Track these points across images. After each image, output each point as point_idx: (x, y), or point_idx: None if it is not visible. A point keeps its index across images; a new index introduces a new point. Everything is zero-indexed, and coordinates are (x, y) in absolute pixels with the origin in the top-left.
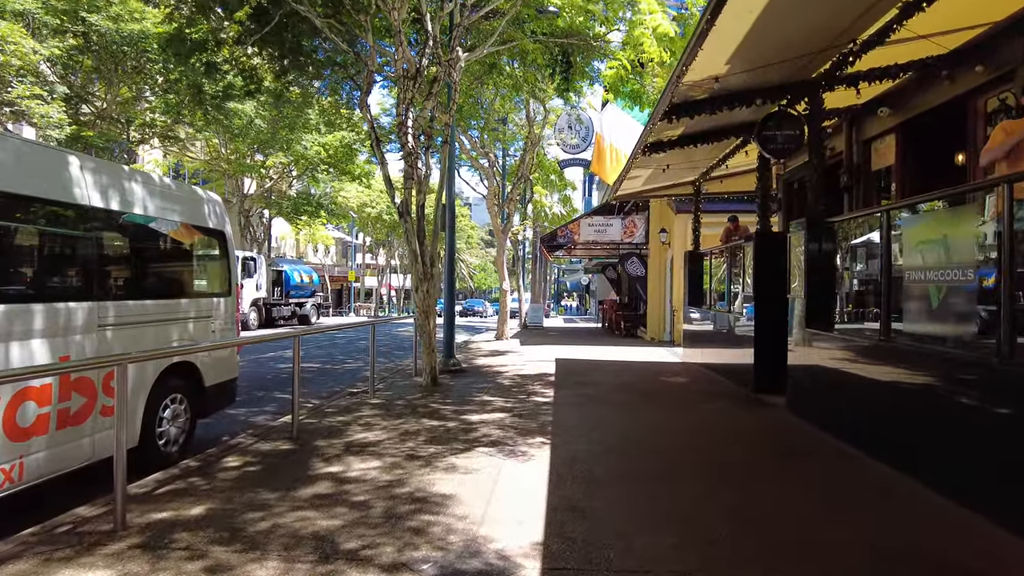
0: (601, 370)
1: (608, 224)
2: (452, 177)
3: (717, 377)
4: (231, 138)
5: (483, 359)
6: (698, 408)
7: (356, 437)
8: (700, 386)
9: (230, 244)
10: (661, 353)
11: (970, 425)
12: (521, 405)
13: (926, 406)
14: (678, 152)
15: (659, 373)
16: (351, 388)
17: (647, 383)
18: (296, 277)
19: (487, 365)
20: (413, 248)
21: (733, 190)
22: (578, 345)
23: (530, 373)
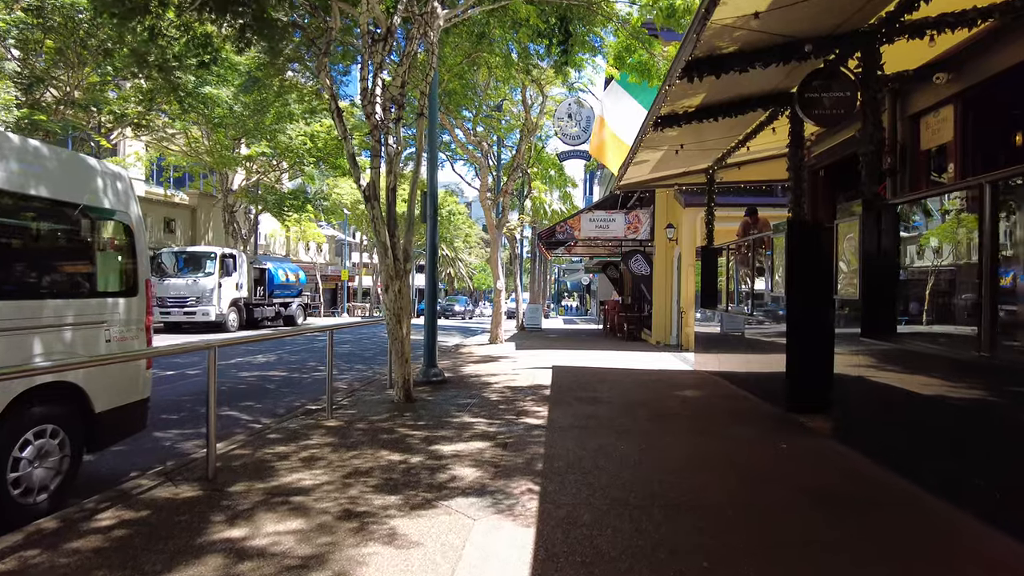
0: (604, 381)
1: (611, 219)
2: (434, 158)
3: (737, 390)
4: (212, 128)
5: (472, 366)
6: (725, 435)
7: (288, 479)
8: (720, 402)
9: (137, 231)
10: (669, 359)
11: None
12: (508, 429)
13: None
14: (693, 129)
15: (670, 385)
16: (312, 404)
17: (657, 399)
18: (281, 275)
19: (475, 374)
20: (382, 240)
21: (750, 179)
22: (578, 350)
23: (523, 385)
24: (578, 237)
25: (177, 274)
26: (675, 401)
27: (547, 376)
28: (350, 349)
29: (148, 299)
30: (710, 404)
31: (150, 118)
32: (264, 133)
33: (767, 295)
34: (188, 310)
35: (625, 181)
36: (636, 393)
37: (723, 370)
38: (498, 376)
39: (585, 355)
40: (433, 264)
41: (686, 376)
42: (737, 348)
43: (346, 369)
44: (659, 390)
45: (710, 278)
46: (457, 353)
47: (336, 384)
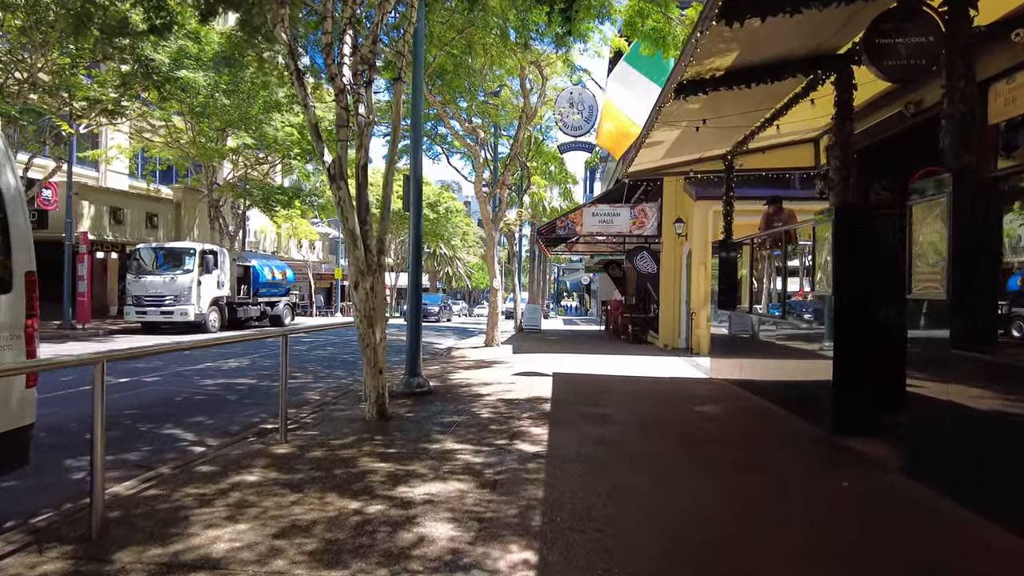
0: (611, 392)
1: (615, 213)
2: (418, 134)
3: (762, 402)
4: (193, 117)
5: (463, 373)
6: (768, 468)
7: (199, 540)
8: (748, 420)
9: (10, 205)
10: (680, 365)
11: None
12: (498, 460)
13: None
14: (719, 101)
15: (686, 397)
16: (272, 421)
17: (675, 415)
18: (267, 273)
19: (466, 383)
20: (350, 227)
21: (773, 166)
22: (580, 354)
23: (519, 397)
24: (580, 233)
25: (155, 271)
26: (696, 419)
27: (546, 386)
28: (333, 352)
29: (29, 298)
30: (737, 422)
31: (126, 104)
32: (249, 123)
33: (810, 295)
34: (165, 309)
35: (634, 167)
36: (649, 408)
37: (744, 378)
38: (492, 386)
39: (588, 360)
40: (417, 259)
41: (702, 386)
42: (763, 355)
43: (323, 377)
44: (675, 403)
45: (729, 276)
46: (449, 358)
47: (307, 395)
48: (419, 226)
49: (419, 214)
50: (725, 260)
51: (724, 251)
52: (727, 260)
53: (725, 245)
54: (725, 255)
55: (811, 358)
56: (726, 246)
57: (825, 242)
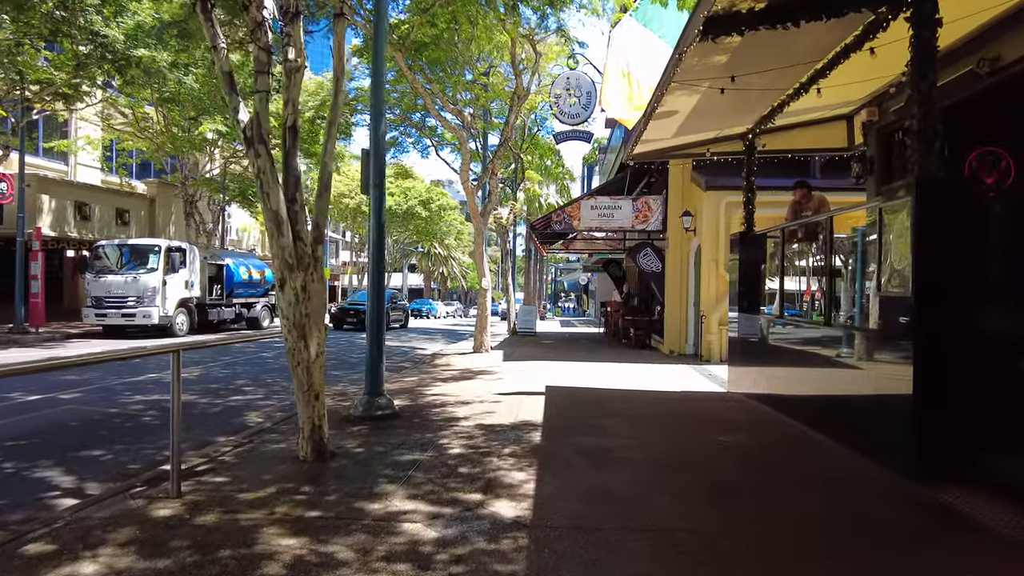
0: (615, 413)
1: (615, 206)
2: (379, 90)
3: (804, 429)
4: (162, 103)
5: (441, 387)
6: (854, 553)
7: None
8: (795, 457)
9: None
10: (690, 375)
11: None
12: (459, 534)
13: None
14: (752, 50)
15: (707, 420)
16: (192, 453)
17: (700, 451)
18: (242, 272)
19: (441, 401)
20: (273, 207)
21: (802, 147)
22: (577, 361)
23: (503, 422)
24: (577, 227)
25: (116, 270)
26: (728, 457)
27: (537, 405)
28: None
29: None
30: (781, 460)
31: (86, 89)
32: (224, 110)
33: (871, 297)
34: (127, 312)
35: (642, 148)
36: (664, 438)
37: (771, 393)
38: (472, 406)
39: (586, 369)
40: (379, 253)
41: (722, 404)
42: (799, 368)
43: (280, 391)
44: (695, 431)
45: (751, 274)
46: (431, 366)
47: (247, 417)
48: (380, 212)
49: (381, 198)
50: (747, 256)
51: (745, 246)
52: (749, 256)
53: (747, 239)
54: (747, 250)
55: (874, 373)
56: (748, 240)
57: (897, 228)
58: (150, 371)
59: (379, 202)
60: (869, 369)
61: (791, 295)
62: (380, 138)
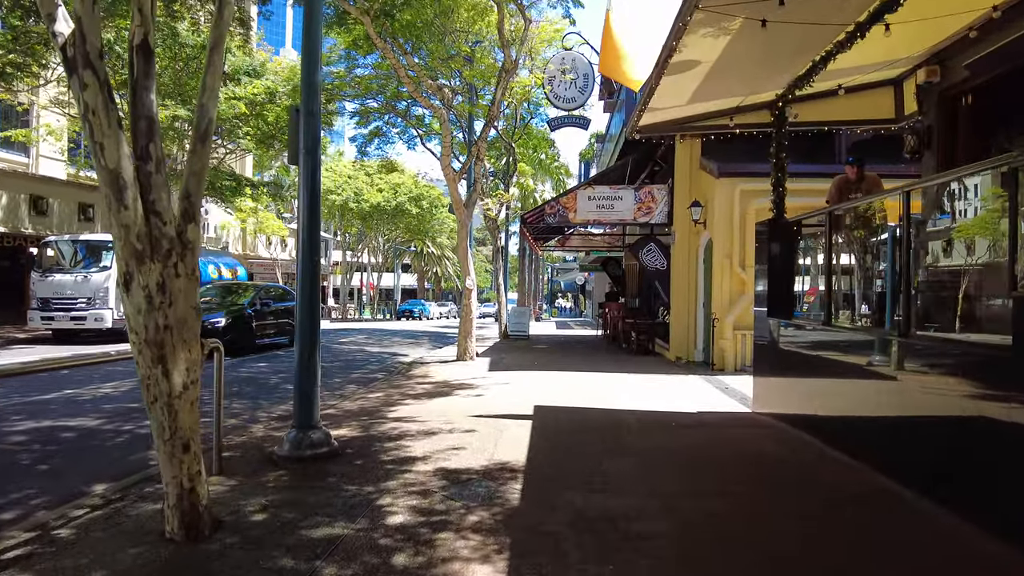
0: (622, 450)
1: (616, 197)
2: (314, 31)
3: (873, 474)
4: (118, 86)
5: (407, 408)
6: None
7: None
8: (879, 522)
9: None
10: (704, 389)
11: None
12: None
13: None
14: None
15: (744, 460)
16: (49, 508)
17: (747, 513)
18: (211, 272)
19: (400, 431)
20: (107, 163)
21: (839, 119)
22: (573, 371)
23: (473, 466)
24: (574, 220)
25: (66, 269)
26: (790, 521)
27: (521, 435)
28: (273, 369)
29: None
30: (860, 529)
31: (29, 63)
32: (191, 95)
33: (950, 295)
34: (77, 314)
35: (650, 118)
36: (693, 492)
37: (816, 414)
38: (438, 437)
39: (583, 381)
40: (312, 242)
41: (752, 430)
42: (859, 392)
43: (236, 412)
44: (734, 480)
45: (783, 270)
46: (405, 377)
47: (147, 455)
48: (315, 186)
49: (315, 169)
50: (778, 248)
51: (776, 236)
52: (780, 247)
53: (778, 228)
54: (777, 241)
55: (983, 411)
56: (779, 229)
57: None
58: (71, 386)
59: (312, 175)
60: (964, 400)
61: (849, 297)
62: (314, 89)
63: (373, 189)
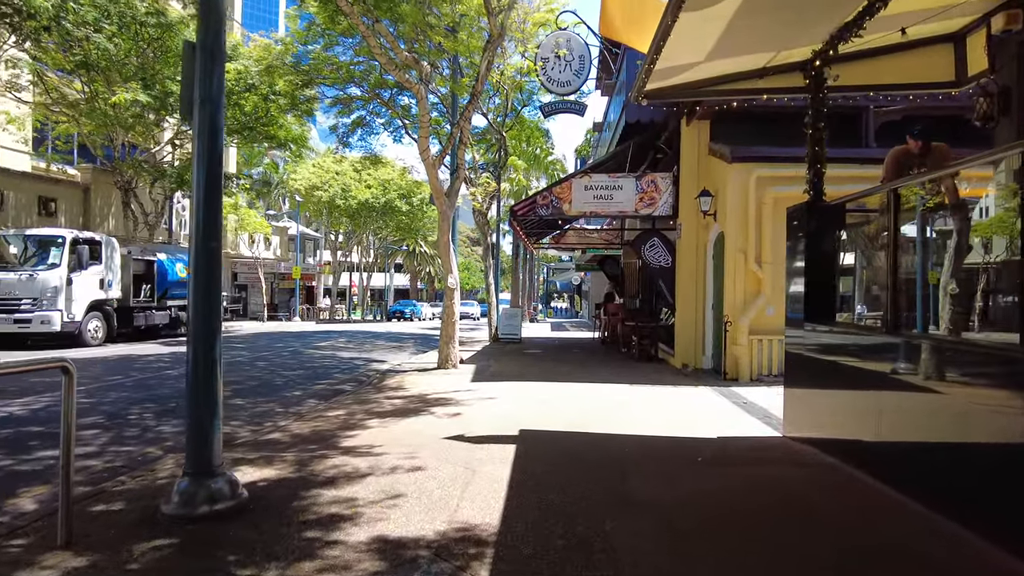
0: (632, 502)
1: (615, 186)
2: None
3: (969, 539)
4: (73, 69)
5: (365, 434)
6: None
7: None
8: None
9: None
10: (720, 405)
11: None
12: None
13: None
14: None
15: (786, 506)
16: None
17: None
18: (179, 270)
19: (344, 470)
20: None
21: (887, 82)
22: (568, 382)
23: (424, 536)
24: (569, 212)
25: (11, 266)
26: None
27: (499, 478)
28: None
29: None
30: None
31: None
32: (153, 78)
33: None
34: (21, 316)
35: (658, 82)
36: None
37: (877, 440)
38: (390, 478)
39: (580, 395)
40: (211, 224)
41: (795, 469)
42: (964, 432)
43: (143, 433)
44: (786, 556)
45: (822, 266)
46: (378, 390)
47: (17, 501)
48: (214, 147)
49: (216, 126)
50: (816, 236)
51: (814, 222)
52: (819, 236)
53: (817, 212)
54: (815, 228)
55: None
56: (818, 214)
57: None
58: (25, 393)
59: (212, 134)
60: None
61: (925, 299)
62: (216, 18)
63: (361, 185)
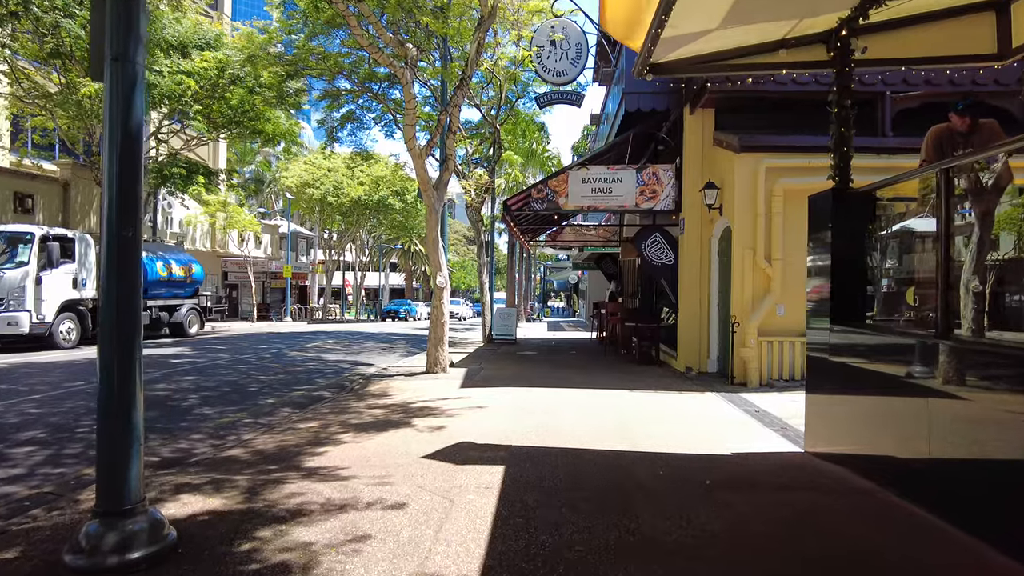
0: (640, 545)
1: (614, 179)
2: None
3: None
4: (45, 58)
5: (333, 452)
6: None
7: None
8: None
9: None
10: (730, 413)
11: None
12: None
13: None
14: None
15: (828, 554)
16: None
17: None
18: (159, 269)
19: (300, 501)
20: None
21: (923, 54)
22: (564, 388)
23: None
24: (565, 207)
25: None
26: None
27: (481, 508)
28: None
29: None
30: None
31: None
32: None
33: None
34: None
35: (667, 52)
36: None
37: (925, 461)
38: (352, 514)
39: (576, 403)
40: (126, 207)
41: (819, 490)
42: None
43: (66, 454)
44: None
45: (852, 262)
46: (359, 397)
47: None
48: (133, 108)
49: (133, 86)
50: (843, 228)
51: (841, 212)
52: (847, 228)
53: (844, 201)
54: (843, 219)
55: None
56: (847, 203)
57: None
58: None
59: (127, 98)
60: None
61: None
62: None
63: (354, 183)
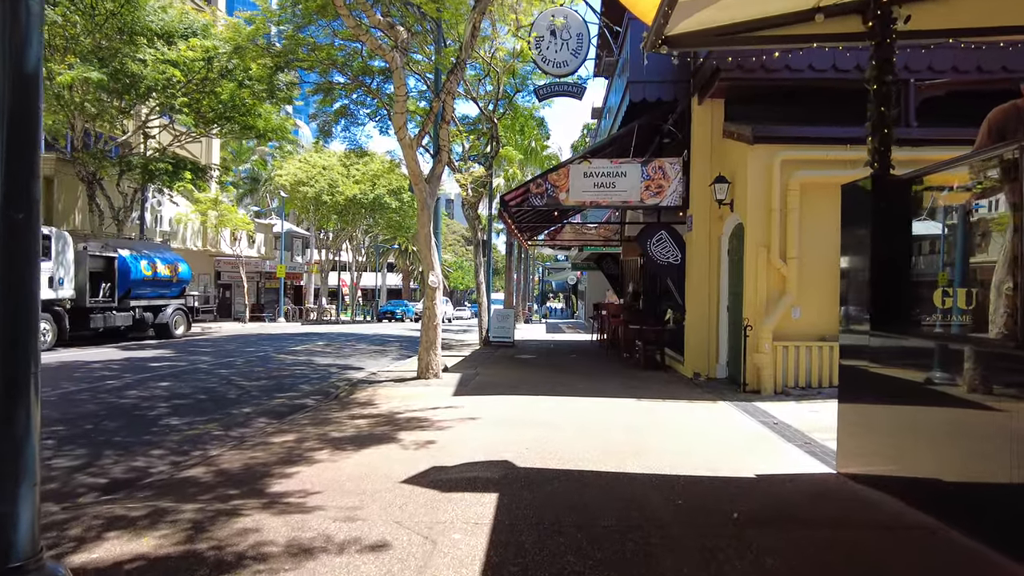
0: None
1: (618, 172)
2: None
3: None
4: None
5: (305, 473)
6: None
7: None
8: None
9: None
10: (744, 425)
11: None
12: None
13: None
14: None
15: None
16: None
17: None
18: (144, 268)
19: (256, 539)
20: None
21: (971, 25)
22: (565, 396)
23: None
24: (566, 202)
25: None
26: None
27: (469, 551)
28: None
29: None
30: None
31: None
32: (109, 57)
33: None
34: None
35: (684, 20)
36: None
37: (1004, 490)
38: (314, 560)
39: (578, 413)
40: (18, 182)
41: (865, 526)
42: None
43: None
44: None
45: (896, 259)
46: (344, 405)
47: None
48: (30, 46)
49: (29, 19)
50: (884, 223)
51: (881, 202)
52: (888, 220)
53: (885, 189)
54: (883, 210)
55: None
56: (887, 192)
57: None
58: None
59: (24, 31)
60: None
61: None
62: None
63: (349, 181)
